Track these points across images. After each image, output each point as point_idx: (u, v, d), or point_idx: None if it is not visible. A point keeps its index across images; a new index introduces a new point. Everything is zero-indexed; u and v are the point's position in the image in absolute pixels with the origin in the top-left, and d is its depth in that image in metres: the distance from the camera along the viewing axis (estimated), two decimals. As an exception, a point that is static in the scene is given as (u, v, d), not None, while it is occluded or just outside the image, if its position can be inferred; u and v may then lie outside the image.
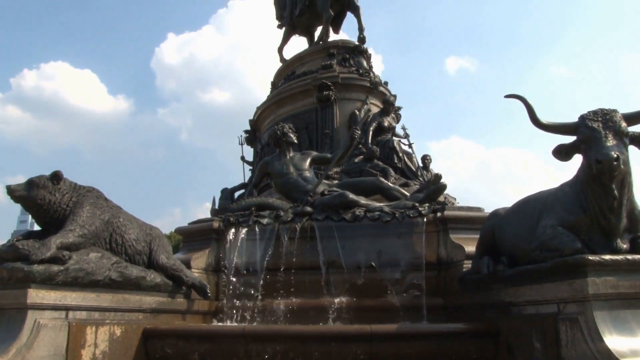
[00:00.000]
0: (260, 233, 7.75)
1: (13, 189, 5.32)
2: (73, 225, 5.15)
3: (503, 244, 5.65)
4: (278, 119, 13.07)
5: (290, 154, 9.46)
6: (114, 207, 5.90)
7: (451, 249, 7.21)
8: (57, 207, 5.33)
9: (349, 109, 12.65)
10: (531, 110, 5.03)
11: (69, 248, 4.96)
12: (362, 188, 8.97)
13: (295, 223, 7.75)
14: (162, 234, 6.65)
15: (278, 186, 9.32)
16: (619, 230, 4.51)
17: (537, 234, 4.84)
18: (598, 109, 4.61)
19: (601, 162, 4.22)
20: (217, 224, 7.94)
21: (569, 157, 4.74)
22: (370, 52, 14.55)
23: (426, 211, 7.69)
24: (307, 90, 12.96)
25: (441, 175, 8.70)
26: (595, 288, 4.08)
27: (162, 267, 6.16)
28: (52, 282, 4.71)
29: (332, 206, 8.02)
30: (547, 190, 5.31)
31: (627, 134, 4.48)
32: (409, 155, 12.06)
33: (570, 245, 4.41)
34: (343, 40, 14.88)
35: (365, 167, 11.10)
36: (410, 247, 7.47)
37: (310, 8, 15.01)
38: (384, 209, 7.85)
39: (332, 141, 12.14)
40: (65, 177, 5.53)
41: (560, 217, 4.70)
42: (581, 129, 4.56)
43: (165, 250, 6.38)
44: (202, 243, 7.95)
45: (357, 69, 13.44)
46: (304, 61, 14.60)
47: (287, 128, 9.68)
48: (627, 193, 4.47)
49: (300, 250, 7.51)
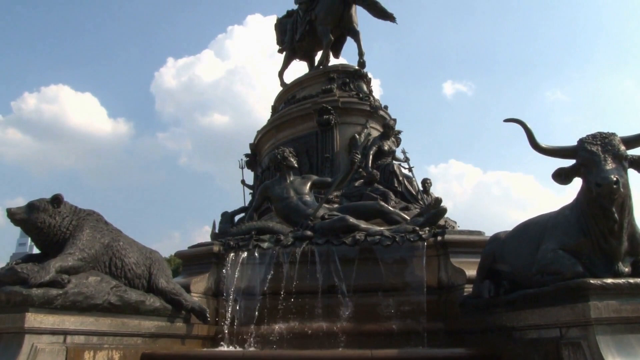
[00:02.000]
0: (260, 257, 7.72)
1: (13, 212, 5.31)
2: (73, 248, 5.13)
3: (504, 268, 5.63)
4: (278, 142, 13.11)
5: (290, 177, 9.47)
6: (114, 231, 5.89)
7: (452, 272, 7.18)
8: (57, 230, 5.32)
9: (349, 132, 12.68)
10: (531, 134, 5.06)
11: (69, 272, 4.94)
12: (363, 212, 8.97)
13: (296, 247, 7.72)
14: (161, 257, 6.63)
15: (278, 210, 9.32)
16: (620, 254, 4.49)
17: (538, 258, 4.83)
18: (597, 133, 4.63)
19: (601, 185, 4.22)
20: (217, 247, 7.92)
21: (568, 181, 4.75)
22: (369, 77, 14.65)
23: (427, 235, 7.68)
24: (307, 114, 13.01)
25: (441, 199, 8.71)
26: (598, 312, 4.05)
27: (162, 291, 6.13)
28: (51, 306, 4.67)
29: (333, 230, 8.00)
30: (547, 213, 5.30)
31: (626, 157, 4.49)
32: (409, 179, 12.05)
33: (571, 269, 4.40)
34: (343, 65, 15.00)
35: (366, 190, 11.08)
36: (410, 271, 7.44)
37: (311, 33, 15.18)
38: (384, 232, 7.84)
39: (332, 165, 12.15)
40: (66, 201, 5.53)
41: (561, 241, 4.69)
42: (580, 153, 4.57)
43: (165, 274, 6.35)
44: (202, 267, 7.92)
45: (357, 93, 13.52)
46: (305, 85, 14.69)
47: (287, 152, 9.70)
48: (627, 216, 4.47)
49: (300, 275, 7.47)
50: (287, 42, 16.22)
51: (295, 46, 16.03)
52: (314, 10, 14.90)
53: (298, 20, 15.64)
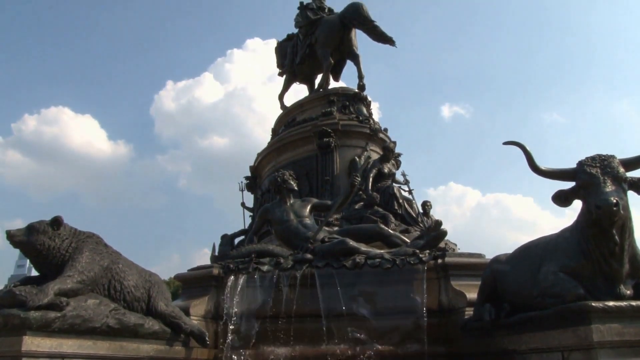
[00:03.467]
0: (260, 280, 7.68)
1: (13, 234, 5.30)
2: (72, 271, 5.11)
3: (505, 290, 5.61)
4: (278, 165, 13.14)
5: (290, 200, 9.47)
6: (113, 253, 5.87)
7: (452, 295, 7.15)
8: (57, 252, 5.30)
9: (349, 155, 12.71)
10: (530, 157, 5.08)
11: (67, 294, 4.91)
12: (363, 235, 8.96)
13: (296, 270, 7.69)
14: (161, 280, 6.59)
15: (278, 233, 9.30)
16: (621, 276, 4.48)
17: (538, 280, 4.81)
18: (596, 155, 4.65)
19: (601, 207, 4.22)
20: (217, 270, 7.89)
21: (568, 203, 4.76)
22: (369, 99, 14.73)
23: (427, 258, 7.66)
24: (307, 137, 13.06)
25: (441, 222, 8.71)
26: (600, 335, 4.03)
27: (161, 314, 6.08)
28: (49, 329, 4.63)
29: (333, 253, 7.98)
30: (547, 236, 5.30)
31: (626, 179, 4.51)
32: (409, 202, 12.05)
33: (572, 292, 4.38)
34: (343, 88, 15.09)
35: (366, 213, 11.09)
36: (411, 294, 7.40)
37: (311, 56, 15.30)
38: (384, 255, 7.82)
39: (332, 188, 12.15)
40: (65, 223, 5.52)
41: (562, 263, 4.68)
42: (580, 175, 4.59)
43: (164, 297, 6.31)
44: (202, 290, 7.88)
45: (357, 116, 13.58)
46: (305, 108, 14.77)
47: (287, 175, 9.71)
48: (628, 238, 4.46)
49: (300, 298, 7.43)
50: (288, 65, 16.35)
51: (295, 69, 16.15)
52: (314, 34, 15.05)
53: (298, 43, 15.78)
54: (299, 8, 15.83)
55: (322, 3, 15.90)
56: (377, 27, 14.21)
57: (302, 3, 15.85)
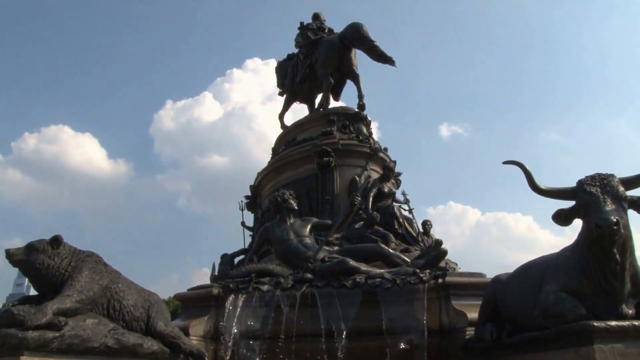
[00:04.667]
0: (260, 300, 7.64)
1: (12, 252, 5.28)
2: (71, 290, 5.08)
3: (506, 310, 5.58)
4: (279, 184, 13.15)
5: (290, 220, 9.46)
6: (113, 272, 5.85)
7: (453, 315, 7.11)
8: (56, 271, 5.28)
9: (349, 175, 12.73)
10: (530, 177, 5.09)
11: (66, 314, 4.88)
12: (363, 254, 8.93)
13: (296, 290, 7.65)
14: (160, 300, 6.56)
15: (278, 252, 9.28)
16: (623, 296, 4.46)
17: (540, 300, 4.79)
18: (595, 174, 4.66)
19: (601, 226, 4.22)
20: (217, 290, 7.86)
21: (568, 222, 4.76)
22: (369, 119, 14.78)
23: (427, 277, 7.63)
24: (307, 156, 13.09)
25: (442, 241, 8.69)
26: (603, 356, 4.00)
27: (160, 334, 6.04)
28: (47, 349, 4.59)
29: (333, 273, 7.95)
30: (548, 255, 5.29)
31: (626, 198, 4.51)
32: (409, 221, 12.05)
33: (574, 311, 4.36)
34: (343, 107, 15.18)
35: (366, 233, 11.07)
36: (411, 314, 7.36)
37: (311, 76, 15.42)
38: (384, 275, 7.79)
39: (332, 207, 12.16)
40: (65, 242, 5.51)
41: (563, 283, 4.66)
42: (579, 194, 4.59)
43: (164, 317, 6.27)
44: (201, 310, 7.83)
45: (357, 136, 13.63)
46: (305, 127, 14.83)
47: (287, 194, 9.72)
48: (629, 257, 4.45)
49: (300, 318, 7.38)
50: (288, 85, 16.46)
51: (295, 89, 16.27)
52: (314, 54, 15.18)
53: (298, 63, 15.91)
54: (299, 28, 15.99)
55: (323, 23, 16.07)
56: (376, 46, 14.32)
57: (302, 23, 16.03)
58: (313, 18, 16.28)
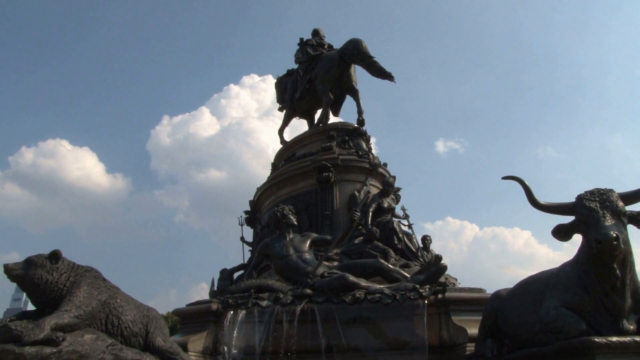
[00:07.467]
0: (259, 315, 7.61)
1: (10, 267, 5.26)
2: (69, 305, 5.06)
3: (506, 326, 5.55)
4: (278, 200, 13.15)
5: (290, 235, 9.45)
6: (111, 288, 5.82)
7: (453, 331, 7.07)
8: (54, 286, 5.25)
9: (349, 190, 12.73)
10: (529, 192, 5.09)
11: (64, 329, 4.85)
12: (362, 270, 8.91)
13: (295, 305, 7.63)
14: (159, 315, 6.52)
15: (278, 268, 9.25)
16: (624, 311, 4.44)
17: (540, 316, 4.76)
18: (595, 189, 4.66)
19: (601, 242, 4.21)
20: (216, 305, 7.82)
21: (568, 237, 4.75)
22: (368, 134, 14.80)
23: (427, 293, 7.60)
24: (307, 171, 13.10)
25: (441, 257, 8.69)
26: (604, 371, 3.97)
27: (158, 350, 5.99)
28: (44, 365, 4.56)
29: (332, 288, 7.93)
30: (548, 270, 5.27)
31: (625, 213, 4.50)
32: (409, 236, 12.02)
33: (575, 327, 4.33)
34: (342, 123, 15.20)
35: (366, 248, 11.04)
36: (411, 329, 7.33)
37: (311, 92, 15.47)
38: (384, 291, 7.77)
39: (332, 222, 12.13)
40: (64, 257, 5.49)
41: (563, 298, 4.64)
42: (579, 209, 4.59)
43: (162, 333, 6.22)
44: (200, 325, 7.80)
45: (357, 151, 13.64)
46: (304, 143, 14.85)
47: (287, 210, 9.71)
48: (629, 272, 4.44)
49: (300, 334, 7.35)
50: (287, 100, 16.52)
51: (295, 104, 16.31)
52: (314, 70, 15.25)
53: (298, 79, 15.97)
54: (299, 44, 16.08)
55: (322, 39, 16.15)
56: (376, 62, 14.38)
57: (302, 39, 16.11)
58: (313, 34, 16.38)
